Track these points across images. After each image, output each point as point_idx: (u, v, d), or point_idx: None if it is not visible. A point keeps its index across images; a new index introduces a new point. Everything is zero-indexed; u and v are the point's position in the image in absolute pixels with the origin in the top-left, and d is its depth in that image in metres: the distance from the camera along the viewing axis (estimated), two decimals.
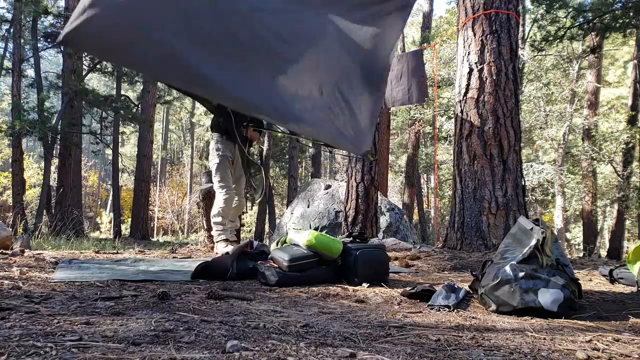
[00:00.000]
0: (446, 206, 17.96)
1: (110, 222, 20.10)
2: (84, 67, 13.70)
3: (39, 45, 14.03)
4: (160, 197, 30.67)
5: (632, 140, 13.10)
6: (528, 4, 12.88)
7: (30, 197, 19.27)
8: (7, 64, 13.76)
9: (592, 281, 2.78)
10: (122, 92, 17.53)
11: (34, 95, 15.44)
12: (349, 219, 5.43)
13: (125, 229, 19.30)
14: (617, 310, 1.94)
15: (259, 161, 4.13)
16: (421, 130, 15.63)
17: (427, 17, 16.47)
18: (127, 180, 29.15)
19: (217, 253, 3.67)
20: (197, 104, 27.71)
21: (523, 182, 4.49)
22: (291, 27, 2.09)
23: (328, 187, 7.93)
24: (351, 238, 2.68)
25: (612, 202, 15.58)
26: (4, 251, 3.34)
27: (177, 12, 1.71)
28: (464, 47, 4.55)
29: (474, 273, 2.27)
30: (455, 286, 2.03)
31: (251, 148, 4.33)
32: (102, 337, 1.19)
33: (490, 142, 4.32)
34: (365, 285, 2.40)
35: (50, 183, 13.44)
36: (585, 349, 1.29)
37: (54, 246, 5.12)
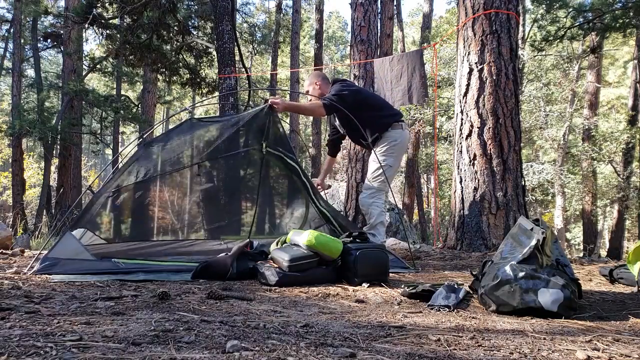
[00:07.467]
0: (446, 206, 17.94)
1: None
2: (84, 67, 13.68)
3: (39, 45, 14.03)
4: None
5: (632, 140, 13.10)
6: (528, 4, 12.90)
7: (30, 197, 19.25)
8: (7, 64, 13.78)
9: (592, 281, 2.77)
10: (122, 92, 17.53)
11: (34, 95, 15.45)
12: (349, 219, 5.43)
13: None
14: (617, 310, 1.94)
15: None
16: (421, 130, 15.61)
17: (427, 17, 16.48)
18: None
19: None
20: (197, 105, 27.64)
21: (523, 182, 4.48)
22: None
23: (328, 187, 7.91)
24: (351, 238, 2.68)
25: (612, 202, 15.58)
26: (4, 251, 3.34)
27: None
28: (464, 47, 4.55)
29: (474, 273, 2.27)
30: (455, 286, 2.03)
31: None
32: (102, 337, 1.19)
33: (490, 142, 4.32)
34: (365, 285, 2.40)
35: (50, 183, 13.43)
36: (585, 349, 1.29)
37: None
